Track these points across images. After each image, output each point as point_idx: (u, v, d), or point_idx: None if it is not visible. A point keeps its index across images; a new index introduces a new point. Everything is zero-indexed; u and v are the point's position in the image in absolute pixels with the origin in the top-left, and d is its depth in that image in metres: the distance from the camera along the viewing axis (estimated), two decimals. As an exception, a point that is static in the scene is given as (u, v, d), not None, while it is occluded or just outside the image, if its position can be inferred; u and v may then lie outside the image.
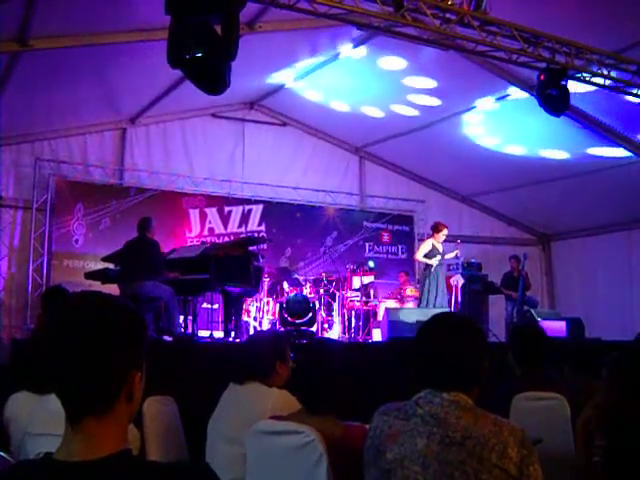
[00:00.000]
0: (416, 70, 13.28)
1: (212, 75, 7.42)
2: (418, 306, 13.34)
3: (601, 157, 14.37)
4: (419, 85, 13.72)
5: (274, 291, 13.98)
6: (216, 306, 12.94)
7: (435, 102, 14.25)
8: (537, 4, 10.24)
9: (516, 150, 15.28)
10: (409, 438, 2.76)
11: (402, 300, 14.90)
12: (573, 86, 10.46)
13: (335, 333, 13.82)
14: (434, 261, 12.99)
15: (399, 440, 2.79)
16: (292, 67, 14.14)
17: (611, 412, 3.80)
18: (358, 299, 14.43)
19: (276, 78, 14.86)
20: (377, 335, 13.31)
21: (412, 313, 12.29)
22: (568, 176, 15.38)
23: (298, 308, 13.32)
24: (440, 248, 13.24)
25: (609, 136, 13.64)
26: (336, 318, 14.14)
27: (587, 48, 10.28)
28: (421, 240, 18.04)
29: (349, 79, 14.35)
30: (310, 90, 15.38)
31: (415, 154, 17.27)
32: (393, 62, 13.09)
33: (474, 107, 14.11)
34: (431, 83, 13.56)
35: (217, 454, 4.20)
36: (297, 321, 13.20)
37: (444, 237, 13.37)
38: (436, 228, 13.40)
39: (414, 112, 14.91)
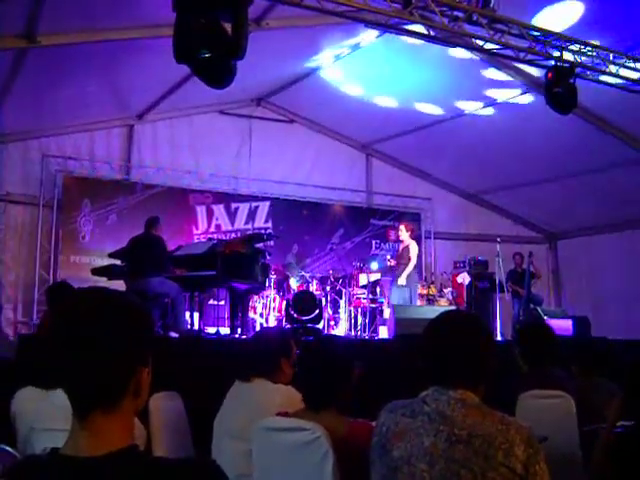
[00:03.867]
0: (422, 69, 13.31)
1: (218, 70, 7.42)
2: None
3: (607, 154, 14.33)
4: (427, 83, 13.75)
5: (280, 288, 13.98)
6: (222, 302, 12.95)
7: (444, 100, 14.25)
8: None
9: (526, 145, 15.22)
10: (416, 436, 2.76)
11: (409, 298, 14.88)
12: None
13: (341, 330, 13.82)
14: None
15: (406, 438, 2.79)
16: (300, 62, 14.15)
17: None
18: (364, 296, 14.41)
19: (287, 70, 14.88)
20: (384, 332, 13.30)
21: (418, 310, 12.29)
22: (575, 174, 15.35)
23: (304, 305, 13.33)
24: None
25: (617, 135, 13.65)
26: (342, 315, 14.14)
27: (595, 46, 10.26)
28: (428, 238, 18.15)
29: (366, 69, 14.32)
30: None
31: (422, 152, 17.26)
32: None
33: (481, 105, 14.13)
34: (439, 81, 13.58)
35: (223, 450, 4.21)
36: (303, 318, 13.19)
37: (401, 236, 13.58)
38: None
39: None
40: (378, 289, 14.93)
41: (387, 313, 13.27)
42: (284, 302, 13.62)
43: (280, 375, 4.41)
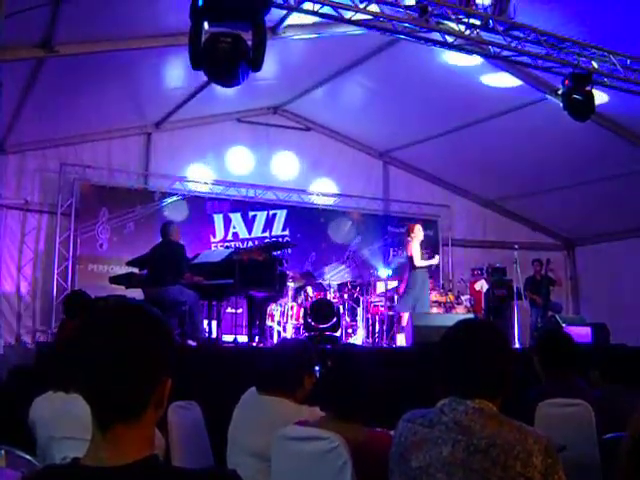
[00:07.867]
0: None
1: (233, 75, 7.46)
2: (413, 310, 13.11)
3: (625, 161, 14.25)
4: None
5: (298, 296, 13.97)
6: (240, 311, 12.95)
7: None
8: (562, 9, 10.21)
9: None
10: (434, 446, 2.75)
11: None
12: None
13: (359, 338, 13.78)
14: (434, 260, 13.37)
15: (424, 448, 2.78)
16: (316, 70, 14.14)
17: None
18: (382, 304, 14.38)
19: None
20: (401, 340, 13.26)
21: (436, 318, 12.25)
22: (593, 181, 15.28)
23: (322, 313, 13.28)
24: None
25: (635, 142, 13.60)
26: (360, 323, 14.10)
27: (613, 53, 10.21)
28: (445, 245, 18.11)
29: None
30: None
31: (439, 159, 17.24)
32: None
33: (501, 112, 14.10)
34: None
35: (240, 465, 4.13)
36: (321, 326, 13.16)
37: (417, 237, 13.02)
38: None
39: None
40: (396, 296, 14.92)
41: (405, 320, 13.24)
42: (302, 310, 13.61)
43: (301, 390, 4.37)
